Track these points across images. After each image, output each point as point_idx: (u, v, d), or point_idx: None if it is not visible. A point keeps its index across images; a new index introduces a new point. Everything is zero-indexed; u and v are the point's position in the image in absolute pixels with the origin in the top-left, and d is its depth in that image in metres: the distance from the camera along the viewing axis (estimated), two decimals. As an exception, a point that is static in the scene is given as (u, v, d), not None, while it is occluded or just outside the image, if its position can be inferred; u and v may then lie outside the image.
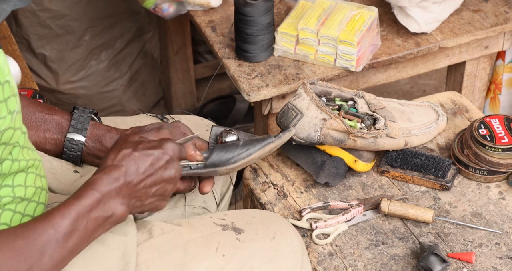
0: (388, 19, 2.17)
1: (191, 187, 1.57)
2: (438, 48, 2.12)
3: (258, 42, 2.03)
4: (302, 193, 1.77)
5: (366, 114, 1.75)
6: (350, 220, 1.69)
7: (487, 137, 1.73)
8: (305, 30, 2.00)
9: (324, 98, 1.78)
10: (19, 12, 2.62)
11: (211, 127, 1.63)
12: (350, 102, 1.78)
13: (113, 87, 2.86)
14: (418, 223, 1.68)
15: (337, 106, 1.77)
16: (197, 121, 1.82)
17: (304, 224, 1.69)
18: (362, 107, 1.76)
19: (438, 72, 3.17)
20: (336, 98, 1.79)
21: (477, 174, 1.76)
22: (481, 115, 1.89)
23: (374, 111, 1.75)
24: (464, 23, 2.15)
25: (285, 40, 2.04)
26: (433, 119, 1.85)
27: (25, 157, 1.32)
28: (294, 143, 1.72)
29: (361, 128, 1.73)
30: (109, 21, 2.74)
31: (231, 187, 1.79)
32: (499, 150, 1.72)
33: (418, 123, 1.81)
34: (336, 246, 1.65)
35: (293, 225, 1.67)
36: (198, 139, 1.60)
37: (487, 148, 1.72)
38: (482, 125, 1.76)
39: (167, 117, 1.77)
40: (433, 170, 1.75)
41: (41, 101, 1.73)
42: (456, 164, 1.78)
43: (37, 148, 1.57)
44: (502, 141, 1.73)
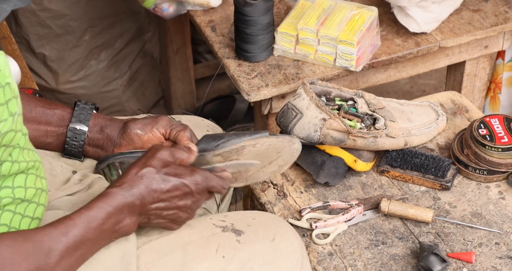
0: (388, 19, 2.17)
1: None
2: (438, 48, 2.12)
3: (258, 42, 2.03)
4: (302, 192, 1.77)
5: (366, 114, 1.75)
6: (350, 219, 1.69)
7: (487, 136, 1.73)
8: (305, 30, 2.00)
9: (324, 98, 1.78)
10: (19, 12, 2.62)
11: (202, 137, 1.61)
12: (350, 102, 1.78)
13: (113, 87, 2.86)
14: (418, 222, 1.68)
15: (337, 106, 1.77)
16: (198, 122, 1.82)
17: (304, 224, 1.69)
18: (362, 107, 1.76)
19: (438, 72, 3.17)
20: (336, 98, 1.79)
21: (477, 173, 1.76)
22: (481, 115, 1.89)
23: (374, 111, 1.75)
24: (464, 23, 2.15)
25: (285, 40, 2.04)
26: (433, 119, 1.85)
27: (25, 158, 1.32)
28: (294, 142, 1.72)
29: (361, 128, 1.73)
30: (109, 21, 2.74)
31: (231, 187, 1.79)
32: (499, 149, 1.72)
33: (418, 123, 1.81)
34: (336, 246, 1.65)
35: (293, 224, 1.67)
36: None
37: (487, 147, 1.72)
38: (482, 125, 1.76)
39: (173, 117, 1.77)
40: (433, 169, 1.75)
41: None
42: (456, 163, 1.78)
43: (37, 141, 1.57)
44: (502, 140, 1.73)
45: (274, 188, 1.78)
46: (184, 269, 1.44)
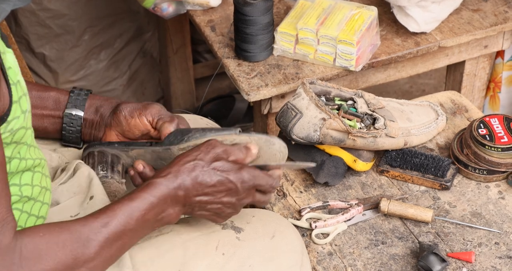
0: (388, 19, 2.17)
1: None
2: (438, 48, 2.12)
3: (258, 42, 2.03)
4: (302, 192, 1.77)
5: (366, 114, 1.75)
6: (350, 219, 1.69)
7: (487, 136, 1.73)
8: (305, 30, 2.00)
9: (324, 98, 1.78)
10: (19, 12, 2.62)
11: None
12: (350, 102, 1.78)
13: (113, 87, 2.86)
14: (418, 222, 1.68)
15: (337, 106, 1.77)
16: (197, 120, 1.82)
17: (304, 223, 1.69)
18: (362, 107, 1.76)
19: (438, 72, 3.17)
20: (336, 98, 1.79)
21: (477, 173, 1.76)
22: (481, 115, 1.89)
23: (374, 111, 1.75)
24: (464, 23, 2.15)
25: (285, 40, 2.04)
26: (433, 119, 1.85)
27: (32, 155, 1.32)
28: (294, 142, 1.72)
29: (361, 128, 1.73)
30: (108, 21, 2.74)
31: None
32: (499, 149, 1.72)
33: (418, 123, 1.81)
34: (336, 245, 1.65)
35: (293, 224, 1.67)
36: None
37: (487, 147, 1.72)
38: (482, 125, 1.76)
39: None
40: (433, 169, 1.75)
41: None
42: (456, 163, 1.78)
43: (35, 127, 1.54)
44: (502, 140, 1.73)
45: (274, 187, 1.78)
46: (184, 266, 1.44)
